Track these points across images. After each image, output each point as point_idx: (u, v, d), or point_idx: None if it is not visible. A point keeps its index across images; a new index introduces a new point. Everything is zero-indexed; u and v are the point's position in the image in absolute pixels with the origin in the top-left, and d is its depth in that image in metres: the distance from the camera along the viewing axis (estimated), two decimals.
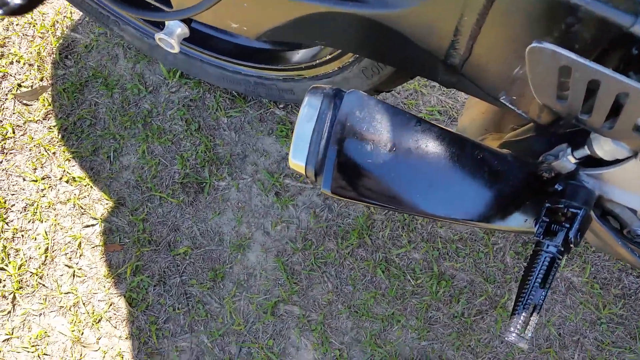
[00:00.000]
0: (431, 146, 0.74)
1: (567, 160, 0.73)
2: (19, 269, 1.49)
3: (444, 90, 1.52)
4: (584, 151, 0.70)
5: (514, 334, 0.72)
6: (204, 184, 1.50)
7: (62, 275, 1.49)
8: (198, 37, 1.31)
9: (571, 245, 0.74)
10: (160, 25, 1.19)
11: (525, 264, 1.40)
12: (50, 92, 1.60)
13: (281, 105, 1.53)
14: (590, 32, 0.56)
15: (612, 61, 0.61)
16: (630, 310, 1.39)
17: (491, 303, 1.40)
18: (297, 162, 0.76)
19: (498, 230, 1.40)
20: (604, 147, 0.66)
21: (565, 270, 1.42)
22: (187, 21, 0.94)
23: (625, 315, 1.39)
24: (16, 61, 1.62)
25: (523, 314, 0.73)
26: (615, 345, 1.38)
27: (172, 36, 0.93)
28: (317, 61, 1.13)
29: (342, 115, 0.73)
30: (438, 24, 0.64)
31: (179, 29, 0.94)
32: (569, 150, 0.73)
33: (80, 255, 1.50)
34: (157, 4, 0.95)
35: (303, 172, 0.76)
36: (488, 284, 1.41)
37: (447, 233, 1.44)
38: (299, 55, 1.20)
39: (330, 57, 1.09)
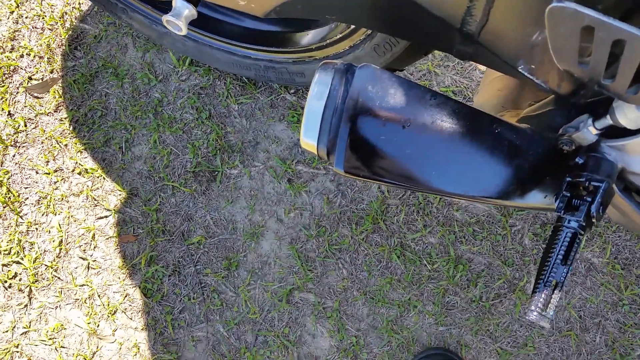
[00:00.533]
0: (447, 121, 0.72)
1: (588, 132, 0.71)
2: (34, 262, 1.49)
3: (458, 70, 1.49)
4: (606, 121, 0.68)
5: (535, 313, 0.70)
6: (216, 172, 1.49)
7: (76, 267, 1.49)
8: (206, 22, 1.30)
9: (593, 220, 0.72)
10: (168, 11, 1.18)
11: (544, 246, 1.37)
12: (60, 84, 1.59)
13: (292, 91, 1.51)
14: None
15: (638, 21, 0.58)
16: None
17: (510, 286, 1.38)
18: (309, 141, 0.74)
19: (517, 208, 1.37)
20: (628, 115, 0.63)
21: (585, 251, 1.39)
22: (195, 2, 0.93)
23: None
24: (26, 54, 1.61)
25: (544, 292, 0.70)
26: (638, 327, 1.35)
27: (180, 18, 0.92)
28: (328, 41, 1.11)
29: (354, 91, 0.71)
30: None
31: (187, 11, 0.92)
32: (590, 120, 0.70)
33: (95, 247, 1.49)
34: None
35: (315, 152, 0.74)
36: (506, 267, 1.39)
37: (464, 216, 1.42)
38: (309, 36, 1.18)
39: (341, 36, 1.07)
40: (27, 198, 1.53)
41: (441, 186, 0.74)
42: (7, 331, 1.45)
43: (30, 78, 1.60)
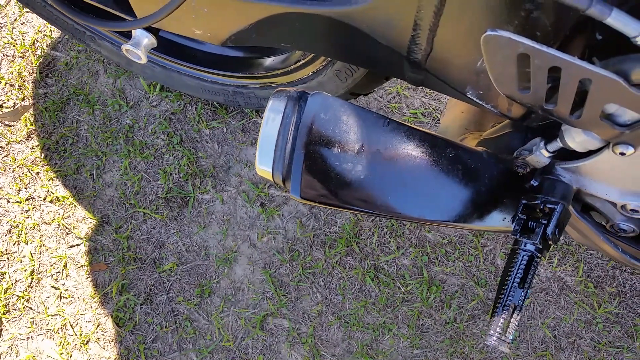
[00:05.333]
0: (401, 146, 0.72)
1: (541, 154, 0.71)
2: (5, 292, 1.46)
3: (427, 92, 1.50)
4: (557, 144, 0.68)
5: (494, 337, 0.70)
6: (188, 198, 1.48)
7: (48, 297, 1.46)
8: (173, 48, 1.30)
9: (550, 242, 0.72)
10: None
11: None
12: (32, 112, 1.59)
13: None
14: (550, 18, 0.54)
15: (578, 48, 0.59)
16: (626, 308, 1.36)
17: (483, 307, 1.37)
18: (264, 167, 0.74)
19: (477, 231, 1.38)
20: (575, 139, 0.64)
21: (558, 270, 1.38)
22: (154, 31, 0.93)
23: (621, 313, 1.35)
24: None
25: (503, 315, 0.70)
26: (612, 345, 1.34)
27: (139, 47, 0.91)
28: (292, 67, 1.12)
29: (307, 118, 0.71)
30: (397, 18, 0.62)
31: (146, 39, 0.92)
32: (542, 143, 0.71)
33: (66, 276, 1.47)
34: (121, 14, 0.93)
35: (271, 178, 0.74)
36: (479, 287, 1.38)
37: (436, 237, 1.42)
38: (272, 61, 1.18)
39: (303, 62, 1.08)
40: None
41: (398, 210, 0.74)
42: None
43: (1, 106, 1.59)
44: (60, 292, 1.46)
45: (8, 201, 1.52)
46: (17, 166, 1.54)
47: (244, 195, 1.47)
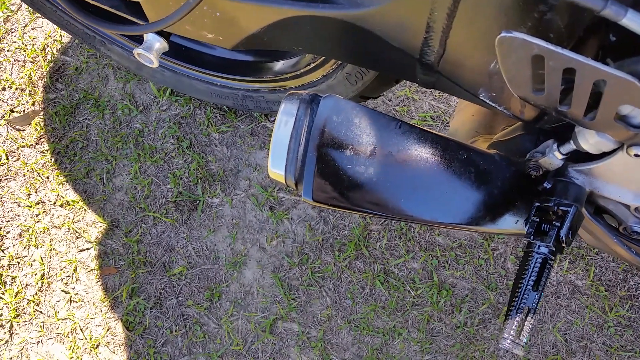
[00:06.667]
0: (413, 148, 0.72)
1: (554, 156, 0.71)
2: (16, 296, 1.47)
3: (435, 96, 1.50)
4: (570, 146, 0.68)
5: (508, 340, 0.69)
6: (198, 201, 1.48)
7: (59, 301, 1.47)
8: (183, 52, 1.31)
9: (563, 245, 0.71)
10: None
11: None
12: (42, 116, 1.59)
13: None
14: (564, 19, 0.54)
15: (591, 49, 0.58)
16: (637, 312, 1.35)
17: (494, 311, 1.37)
18: (276, 170, 0.74)
19: (490, 233, 1.37)
20: (588, 140, 0.63)
21: (569, 273, 1.38)
22: (166, 35, 0.93)
23: (633, 317, 1.35)
24: (8, 87, 1.61)
25: (517, 318, 0.69)
26: (624, 349, 1.34)
27: (151, 51, 0.92)
28: (302, 70, 1.12)
29: (320, 120, 0.71)
30: (409, 21, 0.62)
31: (158, 44, 0.93)
32: (555, 145, 0.70)
33: (77, 280, 1.48)
34: (133, 18, 0.94)
35: (283, 181, 0.74)
36: (490, 291, 1.38)
37: (446, 240, 1.41)
38: (282, 65, 1.19)
39: (313, 65, 1.08)
40: (9, 231, 1.51)
41: (411, 213, 0.74)
42: None
43: (11, 111, 1.60)
44: (71, 296, 1.47)
45: (18, 205, 1.53)
46: (28, 170, 1.55)
47: (253, 199, 1.47)
